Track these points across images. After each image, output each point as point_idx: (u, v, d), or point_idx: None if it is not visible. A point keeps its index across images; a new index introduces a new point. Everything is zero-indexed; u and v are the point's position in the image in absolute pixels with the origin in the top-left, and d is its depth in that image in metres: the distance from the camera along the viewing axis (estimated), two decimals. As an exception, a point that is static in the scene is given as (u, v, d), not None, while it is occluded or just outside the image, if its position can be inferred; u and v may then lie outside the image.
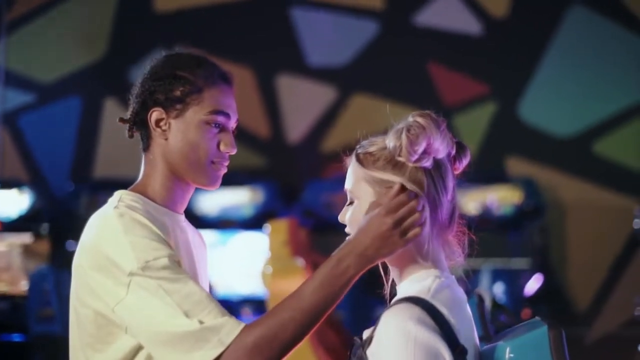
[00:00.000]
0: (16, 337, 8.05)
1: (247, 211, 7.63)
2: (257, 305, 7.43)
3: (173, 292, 2.05)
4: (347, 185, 2.10)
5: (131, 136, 2.32)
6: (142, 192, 2.25)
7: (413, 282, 1.98)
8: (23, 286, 7.92)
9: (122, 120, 2.33)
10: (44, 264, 8.01)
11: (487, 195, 7.23)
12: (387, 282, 2.11)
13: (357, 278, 2.01)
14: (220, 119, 2.24)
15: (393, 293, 2.08)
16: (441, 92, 8.17)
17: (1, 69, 9.08)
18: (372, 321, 6.19)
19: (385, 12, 8.58)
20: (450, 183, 2.04)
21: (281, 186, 8.05)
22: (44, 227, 8.31)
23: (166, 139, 2.24)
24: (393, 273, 2.04)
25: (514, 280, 6.71)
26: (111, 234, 2.12)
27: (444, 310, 1.90)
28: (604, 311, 7.98)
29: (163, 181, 2.26)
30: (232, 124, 2.28)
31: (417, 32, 8.51)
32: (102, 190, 8.41)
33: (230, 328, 2.01)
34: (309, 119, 8.54)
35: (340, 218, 2.12)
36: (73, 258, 2.24)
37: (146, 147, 2.29)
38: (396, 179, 1.99)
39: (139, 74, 2.31)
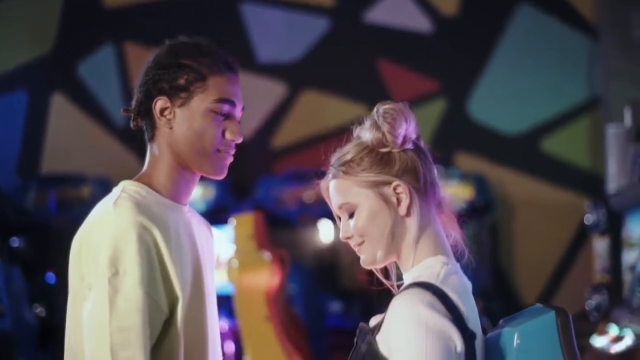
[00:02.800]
0: (-37, 334, 7.96)
1: (199, 207, 7.60)
2: (221, 300, 7.45)
3: (116, 317, 2.06)
4: (339, 200, 2.05)
5: (135, 126, 2.30)
6: (147, 182, 2.24)
7: (421, 269, 1.99)
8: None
9: (126, 110, 2.30)
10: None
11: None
12: (391, 271, 2.11)
13: None
14: (226, 107, 2.22)
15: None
16: (391, 89, 8.22)
17: (-53, 63, 8.95)
18: (325, 315, 6.20)
19: (335, 9, 8.60)
20: (431, 159, 2.07)
21: (232, 182, 8.03)
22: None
23: (171, 128, 2.22)
24: (399, 263, 2.05)
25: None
26: (101, 232, 2.12)
27: (453, 295, 1.92)
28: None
29: (168, 171, 2.24)
30: (238, 112, 2.27)
31: (367, 29, 8.54)
32: (49, 185, 8.33)
33: None
34: (259, 115, 8.53)
35: (342, 235, 2.07)
36: (19, 254, 2.23)
37: (151, 137, 2.27)
38: (392, 178, 2.00)
39: (145, 65, 2.29)
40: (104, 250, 2.09)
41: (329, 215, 7.50)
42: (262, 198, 7.86)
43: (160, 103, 2.23)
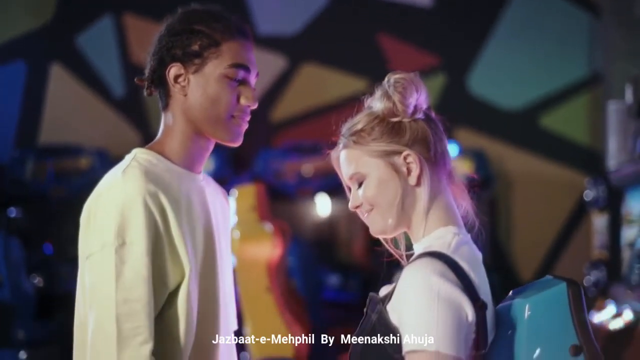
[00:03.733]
0: (-39, 304, 7.96)
1: (199, 179, 7.59)
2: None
3: (122, 289, 2.05)
4: (349, 170, 2.05)
5: (149, 94, 2.27)
6: (160, 150, 2.22)
7: (432, 239, 1.99)
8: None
9: (139, 79, 2.28)
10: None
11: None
12: (400, 241, 2.11)
13: None
14: (240, 72, 2.21)
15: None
16: (391, 63, 8.19)
17: (-55, 33, 8.91)
18: (322, 288, 6.20)
19: (336, -18, 8.57)
20: (442, 129, 2.07)
21: (231, 154, 8.02)
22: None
23: (185, 95, 2.20)
24: (410, 233, 2.05)
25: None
26: (108, 201, 2.10)
27: (464, 265, 1.92)
28: (549, 282, 8.09)
29: (182, 139, 2.22)
30: (253, 77, 2.25)
31: (368, 3, 8.51)
32: (47, 156, 8.31)
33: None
34: (259, 87, 8.46)
35: (352, 204, 2.06)
36: (17, 224, 2.22)
37: (165, 105, 2.24)
38: (402, 147, 1.99)
39: (158, 33, 2.26)
40: (111, 219, 2.07)
41: (327, 188, 7.53)
42: (261, 171, 7.85)
43: (174, 70, 2.21)
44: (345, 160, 2.05)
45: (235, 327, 2.42)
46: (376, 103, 2.04)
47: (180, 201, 2.14)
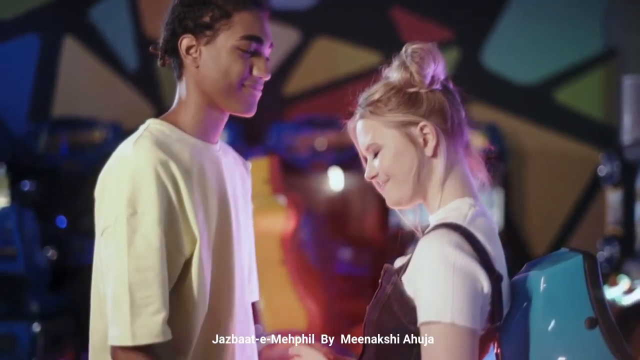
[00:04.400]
0: (-25, 277, 7.99)
1: (211, 153, 7.58)
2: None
3: (134, 258, 2.05)
4: (366, 140, 2.04)
5: (163, 64, 2.26)
6: (173, 120, 2.21)
7: (448, 210, 1.98)
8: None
9: (153, 48, 2.27)
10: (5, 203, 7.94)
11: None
12: (415, 214, 2.10)
13: None
14: (253, 44, 2.19)
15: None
16: (404, 37, 8.15)
17: (-43, 6, 8.91)
18: (335, 261, 6.21)
19: (349, -45, 8.53)
20: (459, 100, 2.05)
21: (244, 128, 8.02)
22: (2, 166, 8.23)
23: (197, 67, 2.19)
24: (426, 204, 2.04)
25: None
26: (119, 172, 2.10)
27: (480, 237, 1.91)
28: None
29: (195, 110, 2.21)
30: (266, 49, 2.23)
31: (381, -24, 8.48)
32: (61, 129, 8.33)
33: (149, 332, 2.04)
34: (271, 61, 8.46)
35: (367, 174, 2.06)
36: (31, 197, 2.21)
37: (179, 76, 2.23)
38: (419, 118, 1.98)
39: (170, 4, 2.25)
40: (123, 189, 2.07)
41: (340, 162, 7.52)
42: (274, 144, 7.85)
43: (185, 41, 2.20)
44: (362, 130, 2.05)
45: (255, 297, 2.42)
46: (393, 73, 2.03)
47: (192, 171, 2.13)
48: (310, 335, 5.30)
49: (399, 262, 2.00)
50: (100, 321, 2.13)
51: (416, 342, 1.87)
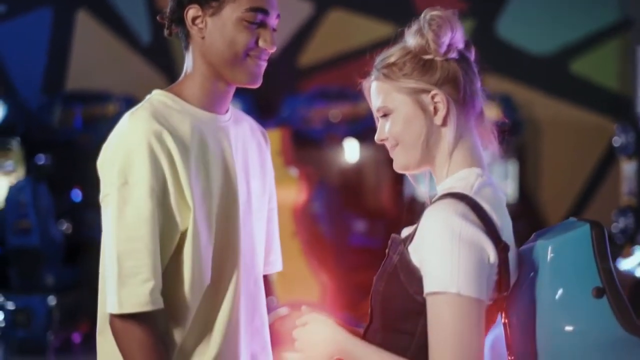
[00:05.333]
0: (-8, 250, 8.04)
1: (225, 125, 7.58)
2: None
3: (123, 228, 2.05)
4: (377, 103, 2.02)
5: (169, 34, 2.25)
6: (178, 92, 2.20)
7: (455, 180, 1.97)
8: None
9: (160, 18, 2.26)
10: (20, 176, 7.97)
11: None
12: (424, 182, 2.09)
13: None
14: (259, 15, 2.15)
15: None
16: (418, 8, 8.10)
17: (-30, -21, 8.91)
18: (350, 233, 6.20)
19: None
20: (476, 70, 2.03)
21: (258, 100, 8.01)
22: (17, 140, 8.25)
23: (203, 37, 2.17)
24: (434, 172, 2.03)
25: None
26: (115, 143, 2.10)
27: (486, 207, 1.89)
28: (577, 228, 8.06)
29: (201, 81, 2.19)
30: (273, 20, 2.19)
31: (395, -53, 8.43)
32: (75, 102, 8.34)
33: (137, 301, 2.04)
34: (286, 33, 8.47)
35: (378, 137, 2.04)
36: (46, 171, 2.21)
37: (185, 47, 2.22)
38: (431, 86, 1.97)
39: None
40: (116, 160, 2.07)
41: (354, 134, 7.51)
42: (288, 117, 7.84)
43: (192, 12, 2.18)
44: (375, 92, 2.04)
45: (276, 268, 2.41)
46: (410, 38, 2.01)
47: (191, 142, 2.12)
48: (323, 306, 5.31)
49: (405, 232, 1.99)
50: (101, 291, 2.15)
51: (422, 312, 1.86)
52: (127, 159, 2.06)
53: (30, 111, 8.71)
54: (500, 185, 2.02)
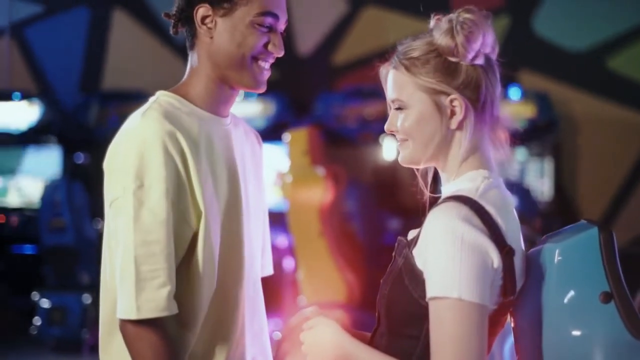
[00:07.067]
0: (27, 249, 8.09)
1: (259, 123, 7.58)
2: (275, 216, 7.46)
3: (140, 231, 2.03)
4: (393, 94, 1.98)
5: (176, 33, 2.23)
6: (183, 93, 2.18)
7: (461, 182, 1.94)
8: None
9: (167, 15, 2.25)
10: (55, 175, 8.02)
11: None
12: (427, 186, 2.07)
13: None
14: (269, 20, 2.14)
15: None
16: (454, 5, 8.05)
17: (9, -21, 8.98)
18: (383, 232, 6.17)
19: None
20: (498, 75, 1.99)
21: (292, 98, 8.00)
22: (54, 139, 8.30)
23: (211, 38, 2.16)
24: (442, 173, 2.00)
25: (527, 194, 6.68)
26: (127, 144, 2.08)
27: (491, 210, 1.86)
28: (614, 227, 7.97)
29: (206, 83, 2.18)
30: (281, 24, 2.19)
31: (430, -57, 8.37)
32: (111, 101, 8.37)
33: (155, 306, 2.02)
34: (320, 31, 8.45)
35: (388, 127, 2.01)
36: (82, 170, 2.18)
37: (191, 46, 2.20)
38: (451, 90, 1.92)
39: None
40: (130, 162, 2.04)
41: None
42: (322, 115, 7.82)
43: (202, 11, 2.16)
44: (392, 82, 1.99)
45: (269, 271, 2.39)
46: (439, 36, 1.94)
47: (200, 144, 2.11)
48: (350, 306, 5.29)
49: (411, 234, 1.97)
50: (106, 295, 2.13)
51: (427, 316, 1.84)
52: (142, 160, 2.04)
53: (66, 110, 8.76)
54: (507, 189, 1.97)
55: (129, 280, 2.02)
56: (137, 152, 2.04)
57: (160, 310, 2.01)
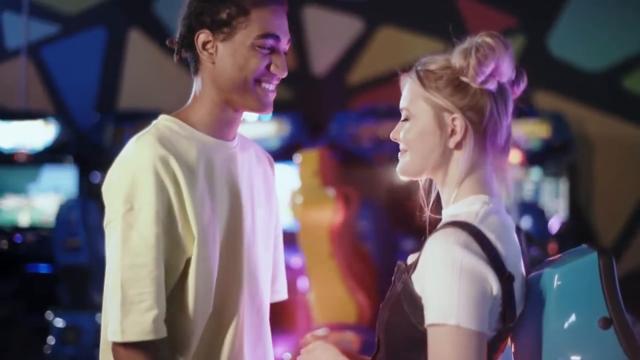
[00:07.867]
0: (43, 268, 8.11)
1: (274, 143, 7.59)
2: (287, 237, 7.45)
3: (128, 254, 2.03)
4: (403, 103, 2.02)
5: (179, 59, 2.25)
6: (185, 117, 2.20)
7: (461, 206, 1.94)
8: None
9: (170, 42, 2.26)
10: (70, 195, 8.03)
11: (514, 129, 7.12)
12: (428, 206, 2.07)
13: None
14: (270, 42, 2.15)
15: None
16: (469, 25, 8.06)
17: (25, 0, 9.03)
18: (398, 253, 6.15)
19: (413, -57, 8.44)
20: (510, 107, 2.00)
21: (307, 118, 8.00)
22: (69, 159, 8.33)
23: (213, 63, 2.17)
24: (442, 196, 2.00)
25: (541, 214, 6.65)
26: (120, 168, 2.10)
27: (491, 236, 1.85)
28: (630, 247, 7.93)
29: (210, 107, 2.19)
30: (283, 45, 2.19)
31: (446, -36, 8.39)
32: (127, 121, 8.39)
33: (140, 329, 2.02)
34: (335, 50, 8.45)
35: (392, 135, 2.04)
36: (98, 189, 2.21)
37: (195, 71, 2.22)
38: (455, 109, 1.93)
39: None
40: (122, 185, 2.06)
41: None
42: (337, 135, 7.81)
43: (202, 37, 2.18)
44: (406, 90, 2.03)
45: (281, 297, 2.38)
46: (455, 55, 1.98)
47: (197, 168, 2.11)
48: (360, 328, 5.27)
49: (411, 259, 1.96)
50: (105, 314, 2.14)
51: (426, 342, 1.83)
52: (133, 183, 2.06)
53: (82, 130, 8.79)
54: (508, 213, 1.97)
55: (116, 303, 2.03)
56: (129, 176, 2.06)
57: (146, 333, 2.01)
